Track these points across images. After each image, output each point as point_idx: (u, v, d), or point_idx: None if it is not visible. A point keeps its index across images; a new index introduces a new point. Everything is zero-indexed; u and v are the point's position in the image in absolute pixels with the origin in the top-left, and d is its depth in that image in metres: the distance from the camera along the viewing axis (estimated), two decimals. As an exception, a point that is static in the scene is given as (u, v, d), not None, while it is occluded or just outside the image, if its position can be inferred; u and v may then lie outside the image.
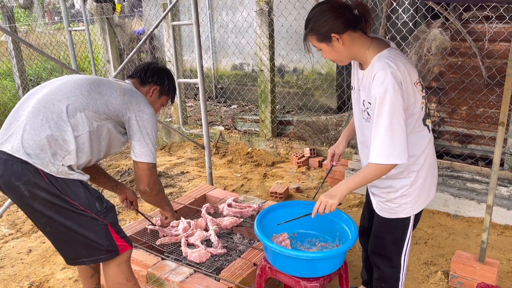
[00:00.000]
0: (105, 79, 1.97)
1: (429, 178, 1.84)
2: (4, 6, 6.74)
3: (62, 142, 1.73)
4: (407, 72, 1.64)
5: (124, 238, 1.93)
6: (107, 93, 1.87)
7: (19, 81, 6.91)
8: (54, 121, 1.73)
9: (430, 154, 1.82)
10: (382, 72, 1.59)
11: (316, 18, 1.66)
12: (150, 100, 2.10)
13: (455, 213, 3.52)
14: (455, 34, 3.76)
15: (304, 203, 2.16)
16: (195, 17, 3.35)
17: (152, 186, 1.99)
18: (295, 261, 1.80)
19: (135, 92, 1.97)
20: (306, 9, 5.04)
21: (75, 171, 1.79)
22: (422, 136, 1.76)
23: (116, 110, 1.87)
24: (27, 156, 1.69)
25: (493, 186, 2.35)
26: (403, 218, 1.85)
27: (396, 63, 1.62)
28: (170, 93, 2.21)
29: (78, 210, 1.76)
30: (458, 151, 4.01)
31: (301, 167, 4.65)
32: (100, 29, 6.54)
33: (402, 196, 1.81)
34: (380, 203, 1.89)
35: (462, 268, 2.55)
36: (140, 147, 1.91)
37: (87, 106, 1.79)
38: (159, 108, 2.21)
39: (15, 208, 3.87)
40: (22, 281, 2.81)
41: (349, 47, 1.67)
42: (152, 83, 2.12)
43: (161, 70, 2.17)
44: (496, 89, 3.68)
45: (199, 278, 2.30)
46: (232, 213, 2.97)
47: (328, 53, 1.73)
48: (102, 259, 1.87)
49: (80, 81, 1.87)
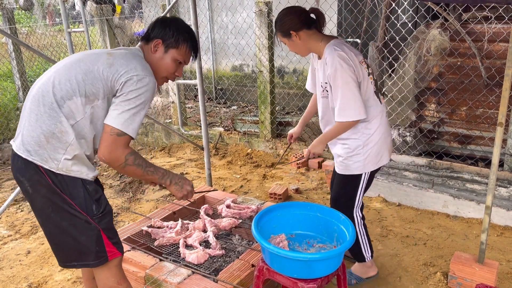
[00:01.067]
0: (95, 53, 1.79)
1: (380, 144, 2.26)
2: (4, 7, 6.74)
3: (59, 134, 1.68)
4: (352, 53, 2.11)
5: (115, 244, 1.87)
6: (93, 70, 1.70)
7: (19, 82, 6.92)
8: (47, 114, 1.68)
9: (382, 124, 2.27)
10: (330, 55, 2.08)
11: (280, 19, 2.21)
12: (155, 58, 1.87)
13: (455, 214, 3.51)
14: (454, 34, 3.76)
15: (303, 204, 2.16)
16: (194, 18, 3.35)
17: (110, 155, 1.70)
18: (292, 262, 1.80)
19: (126, 59, 1.75)
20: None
21: (81, 165, 1.73)
22: (373, 106, 2.21)
23: (105, 86, 1.70)
24: (27, 153, 1.69)
25: (492, 187, 2.34)
26: (355, 175, 2.31)
27: (341, 47, 2.10)
28: (180, 43, 1.88)
29: (75, 211, 1.73)
30: (458, 151, 4.00)
31: (301, 168, 4.64)
32: (100, 31, 6.56)
33: (356, 154, 2.25)
34: (339, 162, 2.35)
35: (461, 269, 2.54)
36: (113, 110, 1.68)
37: (73, 92, 1.68)
38: (172, 66, 1.90)
39: (14, 210, 3.87)
40: (20, 282, 2.81)
41: (305, 42, 2.17)
42: (155, 37, 1.87)
43: (165, 20, 1.90)
44: (495, 90, 3.67)
45: (197, 279, 2.29)
46: (230, 214, 2.97)
47: (290, 46, 2.23)
48: (91, 264, 1.84)
49: (69, 64, 1.75)
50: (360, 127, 2.22)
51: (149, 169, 1.82)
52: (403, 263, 2.89)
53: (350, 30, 5.21)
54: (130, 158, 1.73)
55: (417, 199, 3.68)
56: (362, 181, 2.33)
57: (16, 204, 3.96)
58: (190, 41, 1.91)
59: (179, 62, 1.91)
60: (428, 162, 3.71)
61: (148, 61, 1.85)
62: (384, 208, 3.71)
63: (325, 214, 2.10)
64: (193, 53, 1.96)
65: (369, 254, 2.54)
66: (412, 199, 3.70)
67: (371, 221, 3.47)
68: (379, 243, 3.15)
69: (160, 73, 1.90)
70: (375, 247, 3.09)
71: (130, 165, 1.74)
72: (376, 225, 3.41)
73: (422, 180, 3.69)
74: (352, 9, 4.98)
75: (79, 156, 1.72)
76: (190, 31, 1.92)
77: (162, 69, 1.89)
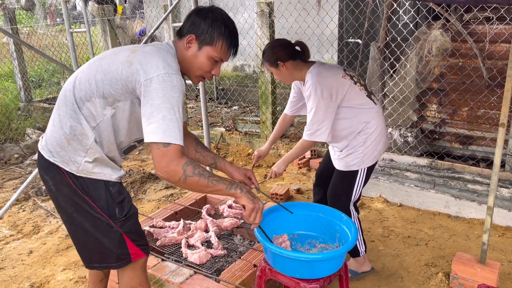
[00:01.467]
0: (119, 50, 1.67)
1: (377, 141, 2.39)
2: (5, 8, 6.75)
3: (80, 136, 1.62)
4: (330, 73, 2.29)
5: (140, 246, 1.80)
6: (111, 70, 1.59)
7: (20, 82, 6.93)
8: (68, 115, 1.62)
9: (380, 122, 2.39)
10: (308, 82, 2.28)
11: (268, 50, 2.35)
12: (188, 55, 1.68)
13: (456, 214, 3.51)
14: (456, 35, 3.76)
15: (305, 205, 2.16)
16: (196, 19, 3.35)
17: (167, 170, 1.54)
18: (295, 263, 1.80)
19: (148, 56, 1.59)
20: (307, 10, 5.05)
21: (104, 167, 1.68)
22: (370, 108, 2.35)
23: (124, 87, 1.58)
24: (49, 153, 1.66)
25: (493, 188, 2.34)
26: (353, 170, 2.43)
27: (318, 71, 2.27)
28: (215, 40, 1.66)
29: (96, 213, 1.68)
30: (459, 152, 4.00)
31: (302, 169, 4.64)
32: (102, 31, 6.57)
33: (355, 152, 2.38)
34: (338, 158, 2.47)
35: (463, 269, 2.54)
36: (147, 124, 1.52)
37: (92, 93, 1.59)
38: (207, 64, 1.70)
39: (16, 210, 3.87)
40: (22, 282, 2.81)
41: (290, 71, 2.33)
42: (188, 33, 1.67)
43: (199, 11, 1.69)
44: (497, 90, 3.67)
45: (199, 279, 2.30)
46: (232, 214, 2.97)
47: (276, 75, 2.38)
48: (113, 266, 1.79)
49: (92, 63, 1.66)
50: (362, 129, 2.36)
51: (213, 179, 1.62)
52: (404, 263, 2.90)
53: (351, 31, 5.22)
54: (188, 168, 1.56)
55: (418, 200, 3.68)
56: (359, 176, 2.45)
57: (18, 204, 3.97)
58: (228, 36, 1.68)
59: (215, 60, 1.71)
60: (430, 162, 3.71)
61: (181, 59, 1.70)
62: (385, 208, 3.72)
63: (327, 215, 2.10)
64: (233, 49, 1.73)
65: (363, 248, 2.63)
66: (414, 199, 3.70)
67: (373, 221, 3.48)
68: (381, 243, 3.15)
69: (195, 72, 1.73)
70: (376, 248, 3.09)
71: (191, 176, 1.56)
72: (378, 225, 3.42)
73: (423, 181, 3.69)
74: (354, 10, 4.98)
75: (100, 159, 1.66)
76: (229, 24, 1.69)
77: (196, 68, 1.71)
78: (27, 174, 4.71)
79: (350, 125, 2.35)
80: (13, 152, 5.27)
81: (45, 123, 6.54)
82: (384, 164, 3.90)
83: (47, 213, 3.78)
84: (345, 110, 2.32)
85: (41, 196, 4.10)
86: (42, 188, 4.17)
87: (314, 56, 5.35)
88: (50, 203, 3.98)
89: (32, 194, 4.14)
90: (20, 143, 5.56)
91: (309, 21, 5.05)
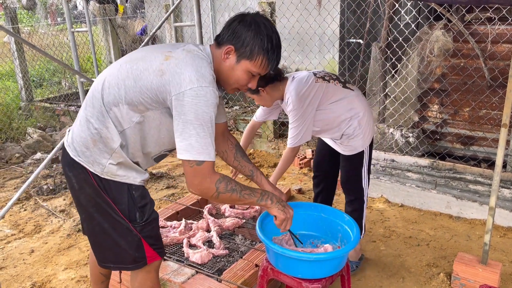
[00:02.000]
0: (152, 54, 1.59)
1: (367, 118, 2.56)
2: (7, 7, 6.76)
3: (106, 139, 1.59)
4: (305, 83, 2.44)
5: (156, 249, 1.79)
6: (142, 77, 1.54)
7: (21, 82, 6.94)
8: (95, 117, 1.59)
9: (364, 104, 2.56)
10: (289, 99, 2.44)
11: None
12: (225, 66, 1.62)
13: (458, 214, 3.51)
14: (458, 35, 3.76)
15: (306, 204, 2.16)
16: (198, 19, 3.36)
17: (200, 187, 1.55)
18: (297, 262, 1.80)
19: (181, 66, 1.51)
20: (309, 10, 5.05)
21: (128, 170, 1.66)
22: (349, 96, 2.52)
23: (154, 97, 1.53)
24: (75, 152, 1.65)
25: (495, 188, 2.34)
26: (359, 152, 2.59)
27: (294, 86, 2.42)
28: (256, 55, 1.58)
29: (117, 215, 1.68)
30: (461, 152, 4.00)
31: (303, 169, 4.64)
32: (103, 30, 6.57)
33: (356, 136, 2.54)
34: (343, 147, 2.61)
35: (464, 270, 2.54)
36: (179, 140, 1.50)
37: (120, 99, 1.55)
38: (243, 78, 1.64)
39: (17, 209, 3.88)
40: (24, 281, 2.82)
41: (270, 94, 2.47)
42: (227, 42, 1.60)
43: (242, 21, 1.58)
44: (498, 91, 3.67)
45: (201, 279, 2.30)
46: (234, 214, 2.97)
47: (258, 101, 2.51)
48: (128, 268, 1.79)
49: (124, 65, 1.61)
50: (351, 115, 2.53)
51: (245, 193, 1.65)
52: (406, 263, 2.90)
53: (353, 31, 5.22)
54: (221, 185, 1.57)
55: (420, 200, 3.68)
56: (365, 154, 2.63)
57: (20, 203, 3.97)
58: (270, 51, 1.60)
59: (252, 74, 1.64)
60: (431, 163, 3.71)
61: (218, 68, 1.63)
62: (387, 208, 3.71)
63: (329, 214, 2.11)
64: (274, 64, 1.65)
65: (364, 228, 2.82)
66: (415, 199, 3.70)
67: (374, 221, 3.47)
68: (382, 243, 3.15)
69: (230, 84, 1.68)
70: (378, 248, 3.09)
71: (223, 193, 1.58)
72: (379, 225, 3.41)
73: (425, 181, 3.69)
74: (355, 10, 4.98)
75: (124, 163, 1.65)
76: (273, 38, 1.60)
77: (232, 80, 1.65)
78: (28, 174, 4.71)
79: (338, 115, 2.51)
80: (14, 152, 5.28)
81: (46, 123, 6.54)
82: (386, 164, 3.90)
83: (48, 213, 3.78)
84: (329, 106, 2.49)
85: (43, 196, 4.11)
86: (43, 188, 4.18)
87: (316, 56, 5.36)
88: (51, 202, 3.98)
89: (34, 193, 4.14)
90: (21, 143, 5.56)
91: (310, 21, 5.05)
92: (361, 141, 2.57)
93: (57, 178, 4.44)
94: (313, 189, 3.02)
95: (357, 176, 2.67)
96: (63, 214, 3.75)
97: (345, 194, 2.77)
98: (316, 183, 2.98)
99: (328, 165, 2.88)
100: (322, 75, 2.54)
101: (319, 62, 5.32)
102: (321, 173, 2.94)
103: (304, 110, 2.43)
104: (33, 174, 2.92)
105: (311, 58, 5.23)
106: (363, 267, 2.85)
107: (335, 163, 2.84)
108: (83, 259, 3.04)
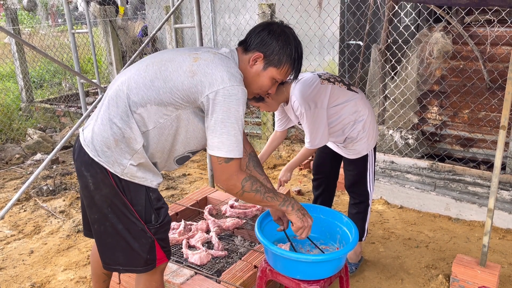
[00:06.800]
0: (180, 56, 1.63)
1: (371, 121, 2.55)
2: (7, 8, 6.77)
3: (128, 140, 1.60)
4: (310, 86, 2.41)
5: (165, 251, 1.80)
6: (173, 78, 1.57)
7: (22, 83, 6.94)
8: (119, 117, 1.59)
9: (368, 107, 2.55)
10: (295, 102, 2.41)
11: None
12: (251, 72, 1.68)
13: (457, 216, 3.52)
14: (457, 37, 3.76)
15: (305, 206, 2.16)
16: (198, 20, 3.37)
17: (226, 183, 1.63)
18: (295, 264, 1.80)
19: (211, 67, 1.57)
20: (308, 12, 5.06)
21: (146, 171, 1.67)
22: (354, 98, 2.50)
23: (185, 97, 1.56)
24: (95, 152, 1.63)
25: (494, 190, 2.34)
26: (364, 155, 2.59)
27: (299, 88, 2.40)
28: (283, 63, 1.67)
29: (133, 217, 1.68)
30: (460, 154, 4.01)
31: (303, 170, 4.65)
32: (103, 32, 6.58)
33: (360, 139, 2.53)
34: (347, 150, 2.61)
35: (463, 271, 2.54)
36: (211, 138, 1.56)
37: (148, 99, 1.57)
38: (267, 85, 1.72)
39: (17, 210, 3.88)
40: (23, 282, 2.82)
41: (276, 99, 2.45)
42: (256, 49, 1.66)
43: (272, 30, 1.66)
44: (498, 93, 3.67)
45: (200, 280, 2.30)
46: (235, 214, 2.97)
47: (264, 107, 2.46)
48: (138, 270, 1.77)
49: (151, 65, 1.63)
50: (355, 118, 2.52)
51: (268, 195, 1.71)
52: (405, 265, 2.90)
53: (353, 33, 5.23)
54: (247, 184, 1.64)
55: (419, 202, 3.68)
56: (370, 157, 2.64)
57: (19, 204, 3.97)
58: (295, 60, 1.69)
59: (275, 80, 1.72)
60: (430, 164, 3.71)
61: (242, 72, 1.67)
62: (386, 210, 3.72)
63: (328, 216, 2.11)
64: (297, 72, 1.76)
65: (366, 232, 2.79)
66: (414, 201, 3.70)
67: (373, 223, 3.48)
68: (381, 245, 3.16)
69: (253, 89, 1.73)
70: (377, 249, 3.09)
71: (248, 192, 1.65)
72: (378, 227, 3.42)
73: (424, 183, 3.69)
74: (355, 12, 4.99)
75: (144, 164, 1.66)
76: (299, 48, 1.70)
77: (256, 86, 1.72)
78: (28, 175, 4.72)
79: (341, 119, 2.49)
80: (14, 153, 5.28)
81: (46, 124, 6.55)
82: (385, 166, 3.91)
83: (48, 213, 3.78)
84: (334, 109, 2.47)
85: (42, 196, 4.11)
86: (43, 188, 4.18)
87: (316, 58, 5.37)
88: (51, 203, 3.98)
89: (33, 194, 4.14)
90: (21, 144, 5.57)
91: (310, 22, 5.06)
92: (365, 144, 2.56)
93: (57, 179, 4.45)
94: (313, 191, 3.02)
95: (362, 179, 2.67)
96: (63, 215, 3.75)
97: (350, 196, 2.78)
98: (316, 186, 2.98)
99: (328, 167, 2.88)
100: (326, 77, 2.51)
101: (319, 64, 5.33)
102: (321, 175, 2.94)
103: (314, 112, 2.40)
104: (33, 175, 2.93)
105: (311, 60, 5.24)
106: (362, 268, 2.86)
107: (335, 165, 2.85)
108: (83, 260, 3.04)
